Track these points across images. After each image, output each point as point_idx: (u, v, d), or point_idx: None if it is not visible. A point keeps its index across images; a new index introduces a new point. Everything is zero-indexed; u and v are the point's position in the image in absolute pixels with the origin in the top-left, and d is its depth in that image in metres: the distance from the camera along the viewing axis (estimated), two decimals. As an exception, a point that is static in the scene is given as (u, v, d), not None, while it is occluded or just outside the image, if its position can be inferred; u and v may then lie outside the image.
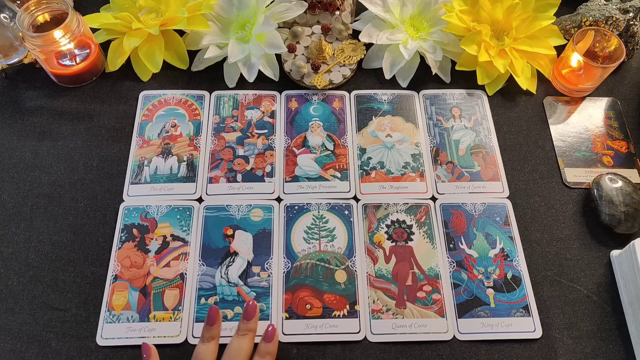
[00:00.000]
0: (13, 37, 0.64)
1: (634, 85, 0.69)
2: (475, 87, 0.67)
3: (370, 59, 0.69)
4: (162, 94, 0.66)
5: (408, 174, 0.61)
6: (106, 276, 0.53)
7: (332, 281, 0.54)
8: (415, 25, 0.69)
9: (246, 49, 0.65)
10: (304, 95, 0.67)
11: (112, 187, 0.59)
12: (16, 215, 0.57)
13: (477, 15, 0.67)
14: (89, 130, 0.63)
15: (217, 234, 0.56)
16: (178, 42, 0.66)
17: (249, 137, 0.63)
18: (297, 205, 0.58)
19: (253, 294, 0.53)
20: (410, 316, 0.52)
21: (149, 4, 0.66)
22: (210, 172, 0.60)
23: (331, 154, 0.62)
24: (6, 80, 0.66)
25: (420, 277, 0.54)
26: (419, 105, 0.66)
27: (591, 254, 0.57)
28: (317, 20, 0.71)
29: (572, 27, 0.69)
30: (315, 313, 0.52)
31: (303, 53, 0.68)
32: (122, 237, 0.56)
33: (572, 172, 0.62)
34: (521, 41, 0.67)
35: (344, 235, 0.56)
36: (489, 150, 0.63)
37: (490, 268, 0.55)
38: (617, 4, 0.69)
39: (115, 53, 0.66)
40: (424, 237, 0.57)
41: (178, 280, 0.53)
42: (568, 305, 0.54)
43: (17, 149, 0.61)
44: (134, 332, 0.50)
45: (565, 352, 0.51)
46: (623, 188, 0.58)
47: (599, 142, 0.64)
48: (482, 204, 0.59)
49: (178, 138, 0.62)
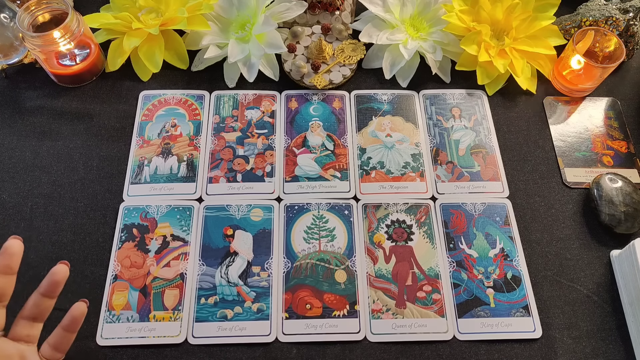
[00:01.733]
0: (13, 37, 0.64)
1: (634, 85, 0.69)
2: (475, 87, 0.68)
3: (370, 59, 0.69)
4: (162, 94, 0.66)
5: (408, 174, 0.61)
6: (106, 276, 0.53)
7: (332, 281, 0.54)
8: (415, 25, 0.69)
9: (246, 49, 0.65)
10: (304, 95, 0.67)
11: (112, 187, 0.59)
12: (16, 215, 0.57)
13: (477, 15, 0.67)
14: (89, 130, 0.63)
15: (217, 233, 0.56)
16: (178, 42, 0.66)
17: (249, 137, 0.63)
18: (297, 205, 0.58)
19: (253, 293, 0.53)
20: (410, 316, 0.52)
21: (149, 4, 0.66)
22: (210, 172, 0.60)
23: (331, 154, 0.62)
24: (6, 80, 0.66)
25: (420, 277, 0.54)
26: (419, 105, 0.66)
27: (591, 254, 0.57)
28: (317, 20, 0.71)
29: (572, 27, 0.69)
30: (315, 313, 0.52)
31: (303, 53, 0.68)
32: (122, 237, 0.56)
33: (572, 172, 0.62)
34: (521, 41, 0.67)
35: (344, 235, 0.56)
36: (489, 150, 0.63)
37: (490, 268, 0.55)
38: (617, 4, 0.69)
39: (115, 53, 0.66)
40: (424, 237, 0.57)
41: (178, 280, 0.53)
42: (568, 305, 0.54)
43: (17, 149, 0.61)
44: (134, 332, 0.50)
45: (565, 352, 0.51)
46: (623, 188, 0.58)
47: (599, 142, 0.64)
48: (482, 204, 0.59)
49: (178, 138, 0.62)
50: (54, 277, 0.40)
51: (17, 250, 0.39)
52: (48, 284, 0.40)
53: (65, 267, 0.40)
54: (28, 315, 0.41)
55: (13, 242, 0.39)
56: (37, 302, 0.41)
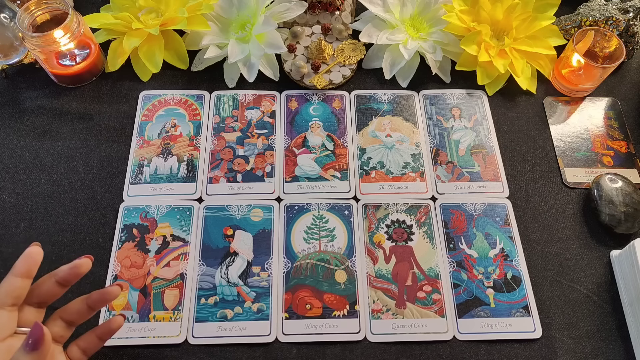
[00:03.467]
0: (13, 37, 0.64)
1: (634, 85, 0.69)
2: (475, 87, 0.67)
3: (370, 59, 0.69)
4: (162, 94, 0.66)
5: (408, 174, 0.61)
6: (106, 276, 0.53)
7: (332, 281, 0.54)
8: (415, 25, 0.69)
9: (246, 49, 0.65)
10: (304, 95, 0.67)
11: (112, 187, 0.59)
12: (16, 215, 0.57)
13: (477, 15, 0.67)
14: (89, 130, 0.63)
15: (217, 234, 0.56)
16: (178, 42, 0.66)
17: (249, 137, 0.63)
18: (297, 205, 0.58)
19: (253, 294, 0.53)
20: (410, 316, 0.52)
21: (149, 4, 0.66)
22: (210, 172, 0.60)
23: (331, 154, 0.62)
24: (6, 80, 0.66)
25: (420, 277, 0.54)
26: (419, 105, 0.66)
27: (591, 254, 0.57)
28: (317, 20, 0.71)
29: (572, 27, 0.69)
30: (315, 313, 0.52)
31: (303, 53, 0.68)
32: (122, 237, 0.56)
33: (572, 172, 0.62)
34: (521, 41, 0.67)
35: (344, 235, 0.56)
36: (489, 150, 0.63)
37: (490, 268, 0.55)
38: (617, 4, 0.69)
39: (115, 53, 0.66)
40: (424, 237, 0.57)
41: (178, 280, 0.53)
42: (568, 305, 0.54)
43: (17, 149, 0.61)
44: (134, 332, 0.50)
45: (565, 352, 0.51)
46: (623, 188, 0.58)
47: (599, 142, 0.64)
48: (482, 204, 0.59)
49: (178, 138, 0.62)
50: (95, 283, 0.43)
51: (37, 257, 0.40)
52: (99, 296, 0.42)
53: (89, 261, 0.42)
54: (68, 319, 0.42)
55: (35, 248, 0.40)
56: (80, 309, 0.42)
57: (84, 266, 0.41)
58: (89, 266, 0.42)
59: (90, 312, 0.42)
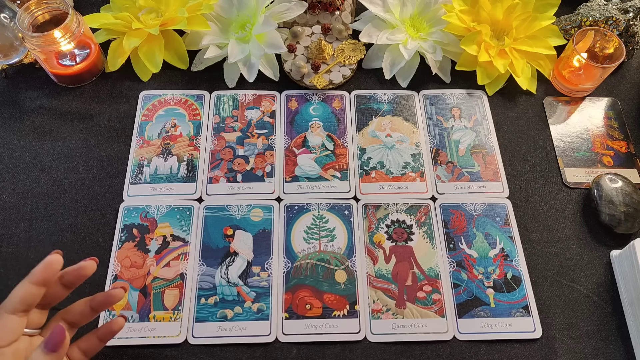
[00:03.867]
0: (13, 37, 0.64)
1: (634, 85, 0.69)
2: (475, 87, 0.67)
3: (370, 59, 0.69)
4: (162, 94, 0.66)
5: (408, 174, 0.61)
6: (106, 276, 0.53)
7: (332, 281, 0.54)
8: (415, 25, 0.69)
9: (246, 49, 0.65)
10: (304, 95, 0.67)
11: (112, 187, 0.59)
12: (16, 215, 0.57)
13: (477, 15, 0.67)
14: (89, 130, 0.63)
15: (217, 234, 0.56)
16: (178, 42, 0.66)
17: (249, 137, 0.63)
18: (297, 205, 0.58)
19: (253, 293, 0.53)
20: (410, 316, 0.52)
21: (149, 4, 0.66)
22: (210, 172, 0.60)
23: (331, 154, 0.62)
24: (6, 80, 0.66)
25: (420, 277, 0.54)
26: (419, 105, 0.66)
27: (591, 254, 0.57)
28: (317, 20, 0.71)
29: (572, 27, 0.69)
30: (315, 313, 0.52)
31: (303, 53, 0.68)
32: (122, 237, 0.56)
33: (572, 172, 0.62)
34: (521, 41, 0.67)
35: (344, 235, 0.56)
36: (489, 150, 0.63)
37: (490, 268, 0.55)
38: (617, 4, 0.69)
39: (115, 53, 0.66)
40: (424, 237, 0.57)
41: (178, 280, 0.53)
42: (568, 305, 0.54)
43: (17, 149, 0.61)
44: (134, 332, 0.50)
45: (565, 352, 0.51)
46: (623, 188, 0.58)
47: (599, 142, 0.64)
48: (482, 204, 0.59)
49: (178, 138, 0.62)
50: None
51: (57, 266, 0.40)
52: (103, 298, 0.42)
53: (94, 264, 0.42)
54: (70, 320, 0.42)
55: (55, 257, 0.40)
56: (83, 311, 0.42)
57: (89, 268, 0.41)
58: (94, 268, 0.41)
59: (93, 313, 0.42)
